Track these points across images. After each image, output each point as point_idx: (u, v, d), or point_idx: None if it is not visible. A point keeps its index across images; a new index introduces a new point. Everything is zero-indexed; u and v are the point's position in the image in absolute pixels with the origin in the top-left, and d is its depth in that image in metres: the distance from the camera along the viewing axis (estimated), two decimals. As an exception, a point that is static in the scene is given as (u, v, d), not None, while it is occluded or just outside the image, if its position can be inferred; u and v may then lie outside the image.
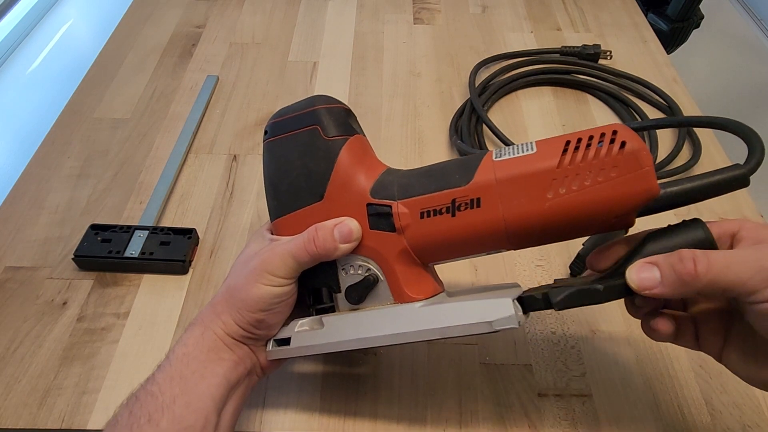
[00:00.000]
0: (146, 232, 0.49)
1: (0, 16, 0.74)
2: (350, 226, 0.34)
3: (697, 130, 0.60)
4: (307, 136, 0.35)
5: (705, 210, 0.53)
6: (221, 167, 0.58)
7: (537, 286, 0.38)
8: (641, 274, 0.29)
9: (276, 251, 0.34)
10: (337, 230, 0.34)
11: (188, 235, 0.50)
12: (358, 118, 0.39)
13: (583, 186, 0.30)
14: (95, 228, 0.50)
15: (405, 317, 0.34)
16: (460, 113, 0.63)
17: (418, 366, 0.43)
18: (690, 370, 0.43)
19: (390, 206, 0.33)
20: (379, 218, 0.34)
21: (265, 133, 0.37)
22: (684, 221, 0.31)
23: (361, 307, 0.35)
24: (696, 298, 0.34)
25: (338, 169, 0.34)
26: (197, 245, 0.51)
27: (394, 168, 0.36)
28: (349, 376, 0.42)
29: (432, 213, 0.33)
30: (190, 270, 0.49)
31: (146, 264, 0.48)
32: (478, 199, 0.32)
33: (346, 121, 0.36)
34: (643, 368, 0.43)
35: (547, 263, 0.49)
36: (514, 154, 0.32)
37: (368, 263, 0.35)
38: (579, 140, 0.30)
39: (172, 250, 0.48)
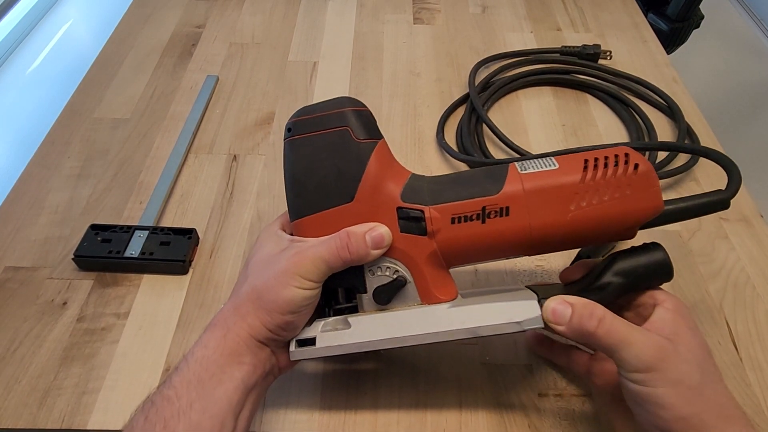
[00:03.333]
0: (146, 232, 0.49)
1: (0, 16, 0.74)
2: (381, 232, 0.34)
3: (696, 130, 0.60)
4: (337, 136, 0.35)
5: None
6: (221, 167, 0.58)
7: (539, 284, 0.39)
8: (557, 308, 0.32)
9: (307, 254, 0.34)
10: (369, 236, 0.34)
11: (188, 235, 0.50)
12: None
13: (601, 201, 0.33)
14: (95, 228, 0.50)
15: (436, 317, 0.35)
16: (448, 113, 0.63)
17: (418, 366, 0.43)
18: (690, 370, 0.42)
19: (422, 211, 0.35)
20: (409, 222, 0.35)
21: (288, 130, 0.37)
22: (645, 244, 0.35)
23: (388, 307, 0.36)
24: None
25: (369, 171, 0.35)
26: (197, 245, 0.51)
27: (417, 174, 0.37)
28: (349, 376, 0.42)
29: (463, 219, 0.34)
30: (190, 270, 0.49)
31: (146, 264, 0.48)
32: (507, 208, 0.34)
33: (374, 124, 0.37)
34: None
35: (547, 263, 0.49)
36: (538, 168, 0.35)
37: (396, 265, 0.35)
38: (596, 159, 0.34)
39: (172, 250, 0.48)
